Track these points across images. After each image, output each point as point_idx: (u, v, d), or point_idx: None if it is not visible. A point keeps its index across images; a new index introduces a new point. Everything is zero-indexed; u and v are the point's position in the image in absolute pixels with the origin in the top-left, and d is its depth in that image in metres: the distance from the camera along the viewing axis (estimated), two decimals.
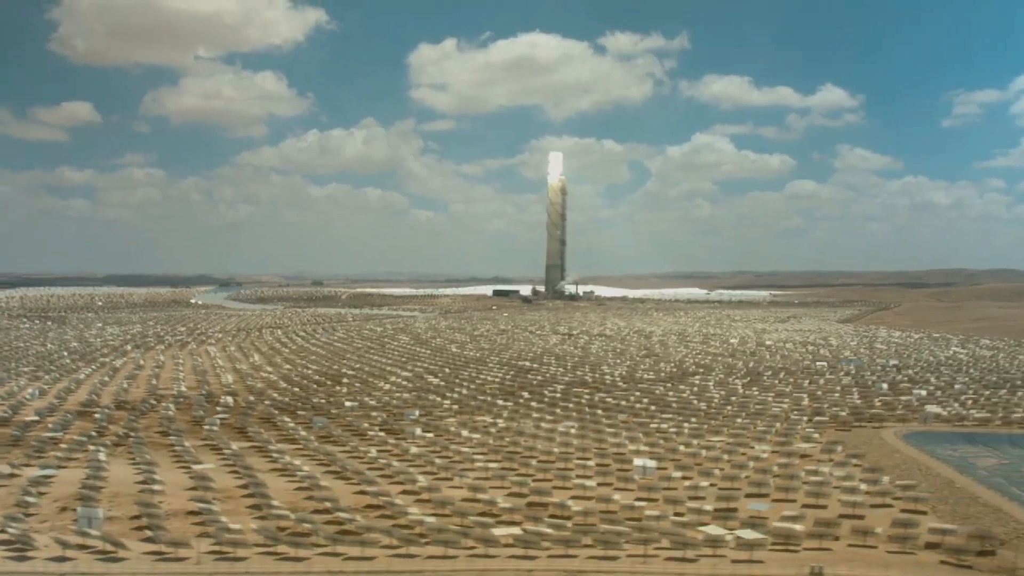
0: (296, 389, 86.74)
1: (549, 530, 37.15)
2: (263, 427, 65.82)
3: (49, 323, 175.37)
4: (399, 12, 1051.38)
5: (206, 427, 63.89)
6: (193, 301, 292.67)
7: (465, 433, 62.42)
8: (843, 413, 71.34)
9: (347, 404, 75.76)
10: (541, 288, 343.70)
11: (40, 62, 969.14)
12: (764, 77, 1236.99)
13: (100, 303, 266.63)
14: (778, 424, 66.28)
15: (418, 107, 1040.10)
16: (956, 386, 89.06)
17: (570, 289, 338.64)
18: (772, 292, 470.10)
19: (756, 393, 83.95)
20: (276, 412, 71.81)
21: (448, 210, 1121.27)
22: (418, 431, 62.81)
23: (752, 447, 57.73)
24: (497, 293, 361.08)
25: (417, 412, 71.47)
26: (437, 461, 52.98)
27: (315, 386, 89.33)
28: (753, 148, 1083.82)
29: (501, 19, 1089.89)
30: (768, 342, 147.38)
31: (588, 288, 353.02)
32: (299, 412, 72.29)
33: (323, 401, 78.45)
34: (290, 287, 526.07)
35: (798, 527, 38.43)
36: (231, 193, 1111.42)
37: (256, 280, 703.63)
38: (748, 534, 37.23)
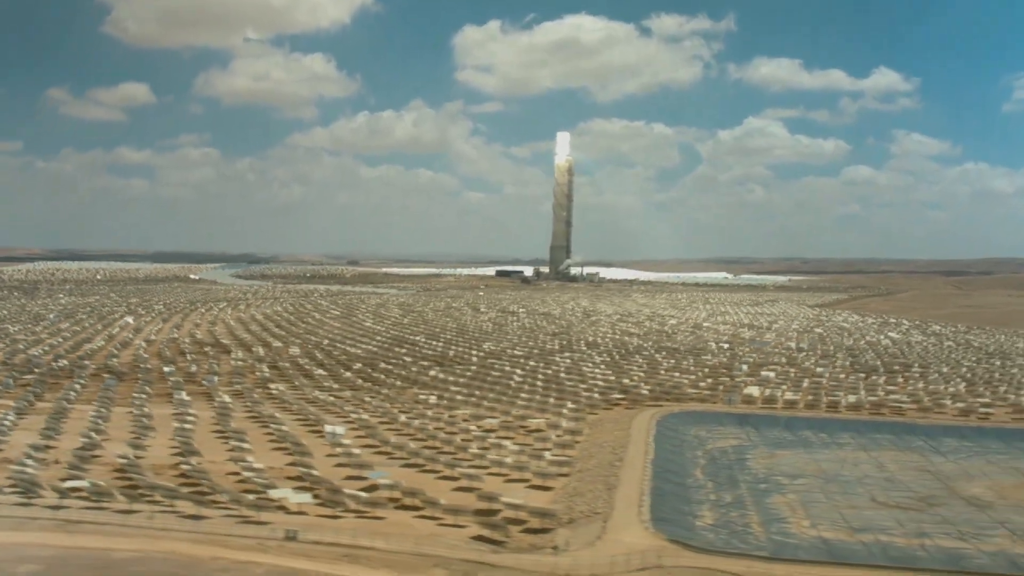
0: (147, 356, 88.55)
1: (102, 482, 37.45)
2: (57, 386, 67.90)
3: (16, 294, 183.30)
4: None
5: None
6: (193, 277, 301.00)
7: (226, 399, 62.80)
8: (644, 392, 69.18)
9: (165, 369, 77.24)
10: (545, 269, 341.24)
11: (95, 44, 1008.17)
12: (814, 60, 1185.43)
13: (100, 277, 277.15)
14: (551, 399, 64.61)
15: (465, 89, 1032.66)
16: (819, 369, 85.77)
17: (574, 270, 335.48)
18: (791, 277, 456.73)
19: (591, 370, 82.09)
20: (91, 375, 73.86)
21: (500, 192, 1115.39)
22: (184, 395, 63.51)
23: (484, 420, 56.59)
24: (500, 273, 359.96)
25: (216, 378, 72.31)
26: (148, 423, 53.53)
27: (173, 355, 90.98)
28: (806, 132, 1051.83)
29: (545, 1, 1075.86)
30: (707, 324, 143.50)
31: (593, 270, 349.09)
32: (105, 376, 73.95)
33: (148, 367, 79.96)
34: (324, 266, 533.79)
35: (363, 494, 37.67)
36: (284, 173, 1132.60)
37: (297, 259, 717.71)
38: (297, 497, 36.70)
